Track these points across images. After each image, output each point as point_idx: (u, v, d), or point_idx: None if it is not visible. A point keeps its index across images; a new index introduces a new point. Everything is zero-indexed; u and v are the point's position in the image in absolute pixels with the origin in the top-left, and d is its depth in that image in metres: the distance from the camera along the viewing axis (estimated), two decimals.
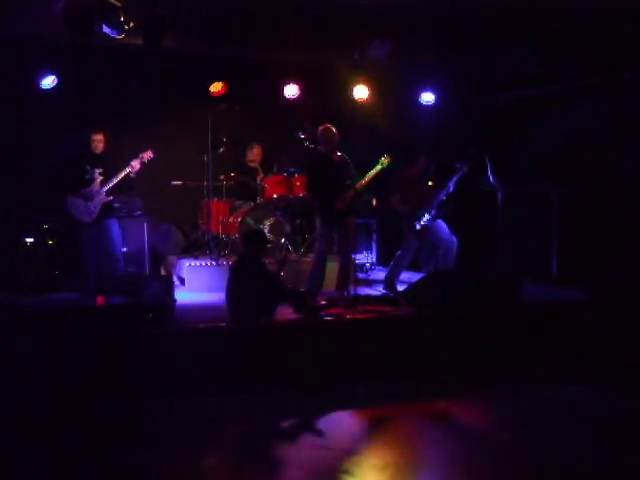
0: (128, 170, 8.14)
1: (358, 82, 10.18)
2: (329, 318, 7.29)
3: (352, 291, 7.94)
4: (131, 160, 8.18)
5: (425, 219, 8.54)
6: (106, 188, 8.14)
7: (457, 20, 8.53)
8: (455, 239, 8.68)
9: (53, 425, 5.30)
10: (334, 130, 8.18)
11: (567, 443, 5.50)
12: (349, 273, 8.13)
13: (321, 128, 8.27)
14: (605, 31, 8.52)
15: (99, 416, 5.44)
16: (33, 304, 6.28)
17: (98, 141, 8.22)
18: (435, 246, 8.86)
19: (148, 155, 8.23)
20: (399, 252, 8.73)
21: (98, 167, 8.20)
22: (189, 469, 5.05)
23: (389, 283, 8.67)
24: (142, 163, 8.18)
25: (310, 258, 8.69)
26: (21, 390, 5.32)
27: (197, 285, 8.97)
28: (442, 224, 8.71)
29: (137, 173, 8.18)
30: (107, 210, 8.22)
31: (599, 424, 5.94)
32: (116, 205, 9.00)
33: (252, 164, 10.30)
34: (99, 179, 8.16)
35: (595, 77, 9.41)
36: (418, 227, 8.50)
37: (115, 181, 8.14)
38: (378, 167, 8.33)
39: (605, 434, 5.71)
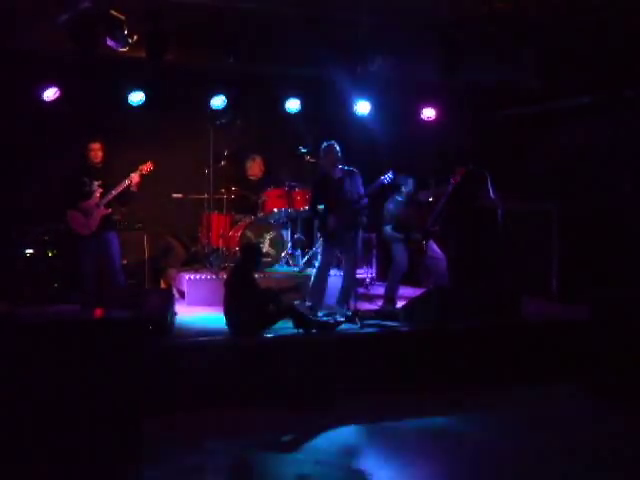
0: (127, 182, 8.10)
1: (360, 97, 10.20)
2: (329, 333, 7.29)
3: (352, 306, 7.93)
4: (130, 172, 8.16)
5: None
6: (105, 200, 8.12)
7: (459, 36, 8.56)
8: (442, 255, 8.71)
9: (51, 439, 5.28)
10: (336, 147, 8.17)
11: (565, 460, 5.50)
12: (351, 289, 8.12)
13: (323, 145, 8.27)
14: (606, 49, 8.56)
15: (98, 430, 5.41)
16: (32, 316, 6.26)
17: (96, 150, 8.17)
18: (424, 265, 8.89)
19: (147, 167, 8.21)
20: (392, 267, 8.78)
21: (97, 179, 8.17)
22: None
23: (388, 298, 8.69)
24: (141, 175, 8.16)
25: (310, 272, 8.68)
26: (19, 402, 5.31)
27: (197, 298, 8.96)
28: (431, 243, 8.75)
29: (136, 186, 8.16)
30: (107, 222, 8.19)
31: (597, 441, 5.93)
32: (116, 217, 9.00)
33: (253, 177, 10.30)
34: (98, 191, 8.13)
35: (596, 94, 9.44)
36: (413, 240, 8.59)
37: (114, 193, 8.11)
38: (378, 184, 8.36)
39: (603, 451, 5.70)
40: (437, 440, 5.93)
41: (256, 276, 7.63)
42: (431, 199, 8.86)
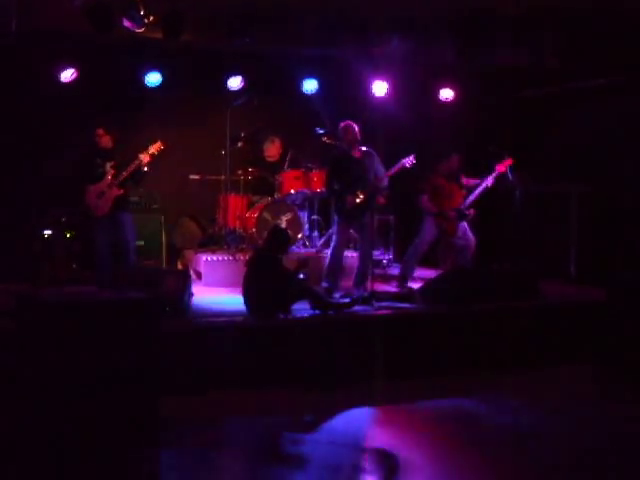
0: (137, 162, 8.18)
1: (377, 78, 10.13)
2: (345, 314, 7.30)
3: (369, 287, 7.91)
4: (139, 152, 8.22)
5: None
6: (117, 181, 8.19)
7: (476, 16, 8.48)
8: (473, 238, 8.65)
9: (68, 419, 5.33)
10: (354, 126, 8.13)
11: (583, 442, 5.49)
12: (367, 270, 8.10)
13: (341, 125, 8.24)
14: (626, 30, 8.45)
15: (115, 411, 5.45)
16: (51, 297, 6.29)
17: (100, 135, 8.27)
18: (452, 244, 8.82)
19: (157, 147, 8.26)
20: (415, 242, 8.75)
21: (109, 161, 8.25)
22: (205, 466, 5.06)
23: (401, 279, 8.67)
24: (151, 155, 8.21)
25: (327, 254, 8.67)
26: (38, 382, 5.35)
27: (214, 279, 8.98)
28: (464, 225, 8.69)
29: (148, 165, 8.22)
30: (120, 203, 8.26)
31: (614, 423, 5.91)
32: (134, 199, 9.05)
33: (271, 159, 10.28)
34: (110, 173, 8.21)
35: (616, 76, 9.32)
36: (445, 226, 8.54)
37: (125, 174, 8.19)
38: (399, 165, 8.27)
39: (620, 434, 5.69)
40: (453, 422, 5.93)
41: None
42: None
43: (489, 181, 8.60)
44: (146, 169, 8.23)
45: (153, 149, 8.22)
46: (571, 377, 7.12)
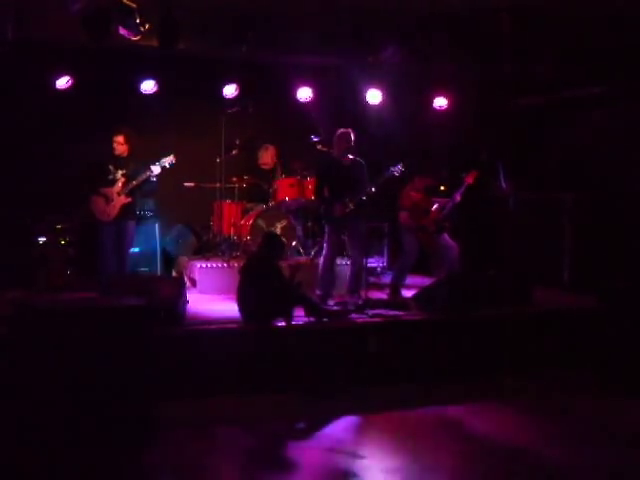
0: (148, 173, 8.25)
1: (371, 86, 10.17)
2: (340, 322, 7.32)
3: (363, 295, 7.93)
4: (152, 163, 8.28)
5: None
6: (126, 190, 8.25)
7: (471, 24, 8.53)
8: (454, 244, 8.65)
9: (64, 424, 5.34)
10: (351, 135, 8.13)
11: (577, 452, 5.50)
12: (360, 277, 8.12)
13: (340, 131, 8.21)
14: (622, 37, 8.49)
15: (111, 416, 5.47)
16: (46, 303, 6.31)
17: (118, 143, 8.33)
18: (438, 252, 8.85)
19: (170, 160, 8.34)
20: (401, 257, 8.77)
21: (122, 169, 8.32)
22: (199, 470, 5.08)
23: (394, 287, 8.68)
24: (163, 167, 8.29)
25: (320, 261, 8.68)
26: (35, 388, 5.37)
27: (208, 286, 9.00)
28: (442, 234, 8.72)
29: (157, 177, 8.30)
30: (126, 211, 8.32)
31: (610, 431, 5.93)
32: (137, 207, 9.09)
33: (265, 167, 10.31)
34: (121, 181, 8.28)
35: (611, 84, 9.36)
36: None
37: (135, 183, 8.25)
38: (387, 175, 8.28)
39: (614, 440, 5.71)
40: (449, 429, 5.95)
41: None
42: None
43: (458, 195, 8.60)
44: (155, 180, 8.31)
45: (166, 162, 8.29)
46: (564, 384, 7.13)
